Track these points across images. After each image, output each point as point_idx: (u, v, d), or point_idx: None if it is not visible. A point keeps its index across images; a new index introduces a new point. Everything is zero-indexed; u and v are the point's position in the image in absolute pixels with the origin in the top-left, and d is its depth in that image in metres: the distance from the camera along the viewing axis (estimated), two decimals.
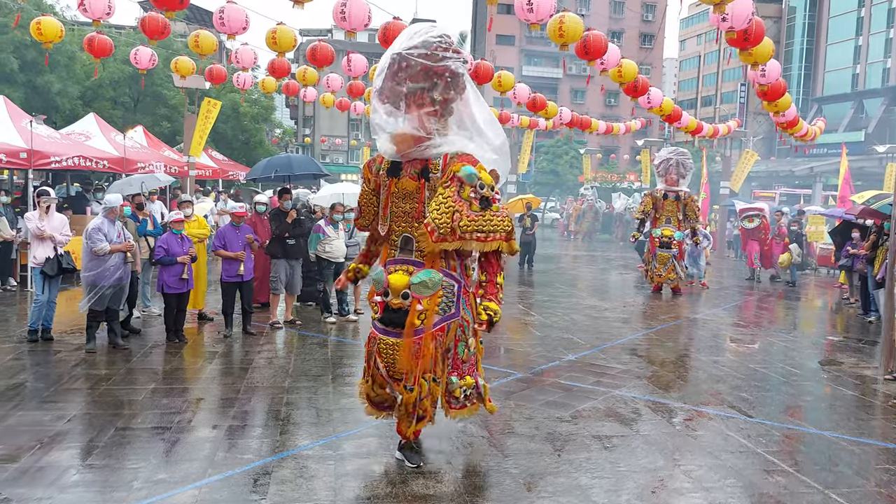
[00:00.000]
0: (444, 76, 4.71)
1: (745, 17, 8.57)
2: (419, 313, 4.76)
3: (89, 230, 8.37)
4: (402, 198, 4.93)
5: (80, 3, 9.68)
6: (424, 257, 4.86)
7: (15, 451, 5.27)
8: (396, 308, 4.82)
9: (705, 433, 6.21)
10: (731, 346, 10.13)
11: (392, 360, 4.88)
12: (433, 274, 4.77)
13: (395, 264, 4.95)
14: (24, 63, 20.58)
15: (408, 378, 4.84)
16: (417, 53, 4.65)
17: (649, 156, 34.39)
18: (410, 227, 4.91)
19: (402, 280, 4.79)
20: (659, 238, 14.87)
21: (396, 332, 4.84)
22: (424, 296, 4.75)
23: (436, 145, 4.76)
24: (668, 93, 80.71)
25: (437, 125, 4.80)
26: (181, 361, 8.27)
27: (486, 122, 5.02)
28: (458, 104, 4.87)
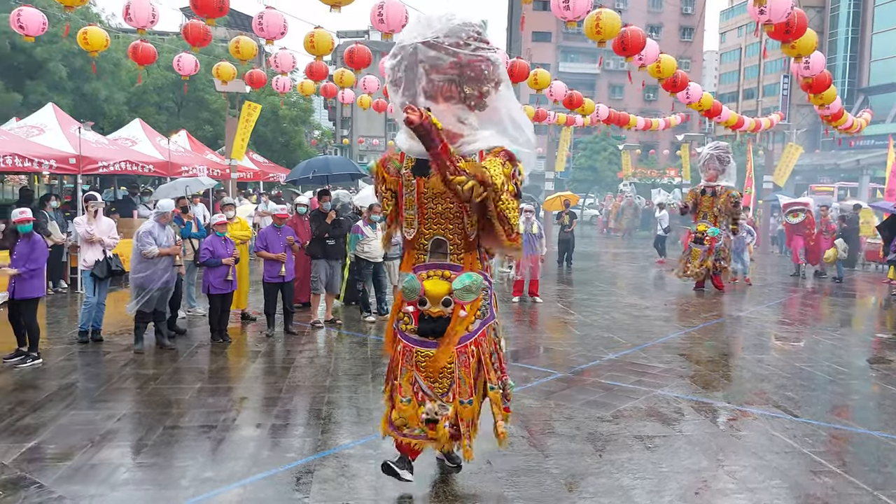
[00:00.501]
0: (479, 68, 4.34)
1: (784, 10, 8.41)
2: (461, 320, 4.49)
3: (140, 233, 8.58)
4: (433, 198, 4.50)
5: (125, 11, 9.93)
6: (462, 260, 4.56)
7: (68, 449, 5.44)
8: (437, 317, 4.50)
9: (750, 433, 6.12)
10: (776, 344, 9.96)
11: (435, 373, 4.55)
12: (475, 277, 4.52)
13: (426, 269, 4.60)
14: (73, 71, 21.14)
15: (462, 391, 4.51)
16: (449, 43, 4.27)
17: (689, 151, 33.94)
18: (444, 230, 4.54)
19: (441, 287, 4.49)
20: (694, 233, 14.79)
21: (438, 342, 4.53)
22: (468, 301, 4.49)
23: (470, 141, 4.42)
24: (709, 86, 79.52)
25: (470, 119, 4.45)
26: (225, 361, 8.44)
27: (518, 116, 4.66)
28: (493, 98, 4.49)
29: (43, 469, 5.04)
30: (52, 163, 12.81)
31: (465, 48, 4.28)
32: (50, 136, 13.93)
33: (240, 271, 10.05)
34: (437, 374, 4.53)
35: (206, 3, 9.08)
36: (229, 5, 9.33)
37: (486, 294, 4.65)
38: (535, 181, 47.96)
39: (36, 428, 5.87)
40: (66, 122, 14.76)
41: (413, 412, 4.58)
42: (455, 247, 4.56)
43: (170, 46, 25.92)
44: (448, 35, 4.26)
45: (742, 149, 32.11)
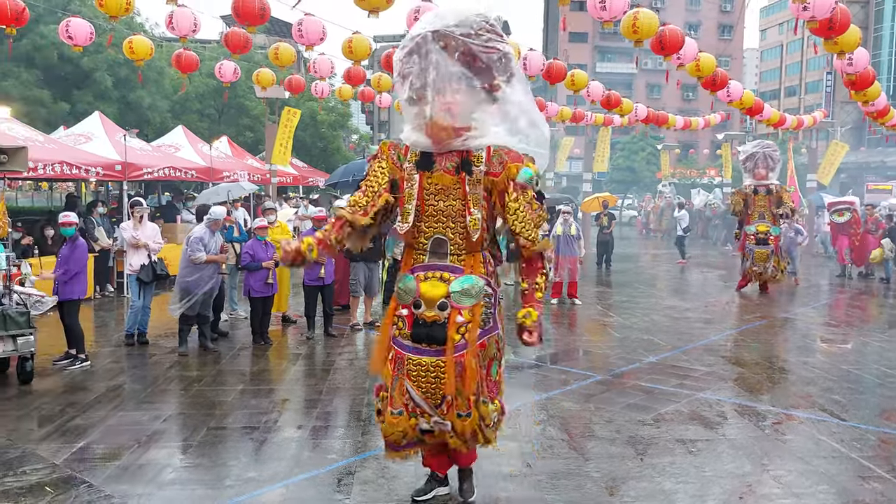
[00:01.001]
0: (493, 60, 4.13)
1: (827, 6, 8.24)
2: (459, 326, 4.17)
3: (191, 239, 8.76)
4: (436, 194, 4.27)
5: (168, 20, 10.15)
6: (463, 262, 4.28)
7: (116, 449, 5.58)
8: (431, 321, 4.20)
9: (795, 437, 6.01)
10: (822, 347, 9.75)
11: (430, 384, 4.21)
12: (476, 280, 4.24)
13: (424, 270, 4.31)
14: (118, 80, 21.66)
15: (460, 403, 4.18)
16: (460, 33, 4.05)
17: (730, 150, 33.40)
18: (445, 228, 4.27)
19: (439, 289, 4.21)
20: (755, 235, 14.29)
21: (433, 349, 4.20)
22: (466, 306, 4.19)
23: (477, 136, 4.21)
24: (750, 84, 78.12)
25: (479, 113, 4.22)
26: (267, 363, 8.56)
27: (532, 113, 4.43)
28: (505, 92, 4.26)
29: (92, 468, 5.18)
30: (99, 170, 13.15)
31: (476, 38, 4.07)
32: (97, 143, 14.30)
33: (280, 275, 10.18)
34: (430, 385, 4.21)
35: (247, 11, 9.23)
36: (270, 12, 9.47)
37: (489, 302, 4.33)
38: (574, 182, 47.70)
39: (85, 428, 6.03)
40: (112, 130, 15.14)
41: (406, 425, 4.28)
42: (456, 247, 4.28)
43: (211, 54, 26.41)
44: (459, 25, 4.06)
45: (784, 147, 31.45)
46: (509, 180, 4.20)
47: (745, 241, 14.53)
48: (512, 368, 8.20)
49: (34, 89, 19.55)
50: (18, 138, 11.36)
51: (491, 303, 4.34)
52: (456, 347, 4.15)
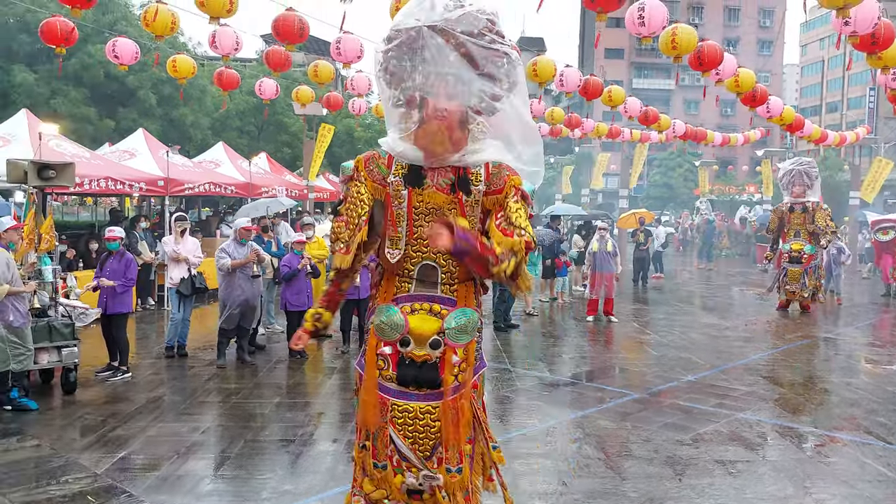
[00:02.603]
0: (495, 64, 3.55)
1: (870, 20, 8.11)
2: (454, 367, 3.64)
3: (217, 251, 8.96)
4: (427, 214, 3.64)
5: (211, 39, 10.39)
6: (456, 292, 3.70)
7: (156, 460, 5.66)
8: (421, 361, 3.64)
9: (839, 460, 5.86)
10: (867, 368, 9.51)
11: (418, 433, 3.65)
12: (471, 314, 3.69)
13: (411, 302, 3.71)
14: (161, 98, 22.19)
15: (450, 456, 3.63)
16: (461, 30, 3.46)
17: (770, 166, 32.91)
18: (435, 254, 3.63)
19: (430, 324, 3.63)
20: (788, 253, 14.13)
21: (423, 393, 3.65)
22: (462, 344, 3.65)
23: (476, 151, 3.64)
24: (790, 100, 77.04)
25: (475, 125, 3.65)
26: (303, 376, 8.64)
27: (530, 127, 3.94)
28: (506, 102, 3.68)
29: (133, 478, 5.26)
30: (142, 185, 13.45)
31: (479, 39, 3.48)
32: (140, 159, 14.64)
33: (316, 289, 10.27)
34: (419, 435, 3.66)
35: (287, 30, 9.41)
36: (309, 31, 9.64)
37: (480, 336, 3.84)
38: (609, 198, 47.37)
39: (126, 439, 6.14)
40: (155, 146, 15.50)
41: (391, 482, 3.72)
42: (448, 276, 3.68)
43: (251, 72, 26.92)
44: (459, 21, 3.46)
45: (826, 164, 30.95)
46: (511, 187, 3.65)
47: (780, 260, 14.35)
48: (547, 386, 8.16)
49: (81, 107, 20.10)
50: (66, 154, 11.70)
51: (480, 336, 3.85)
52: (453, 390, 3.64)
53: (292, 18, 9.49)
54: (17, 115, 13.31)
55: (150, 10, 9.18)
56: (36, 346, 7.18)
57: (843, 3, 7.29)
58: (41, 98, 19.28)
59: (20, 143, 11.75)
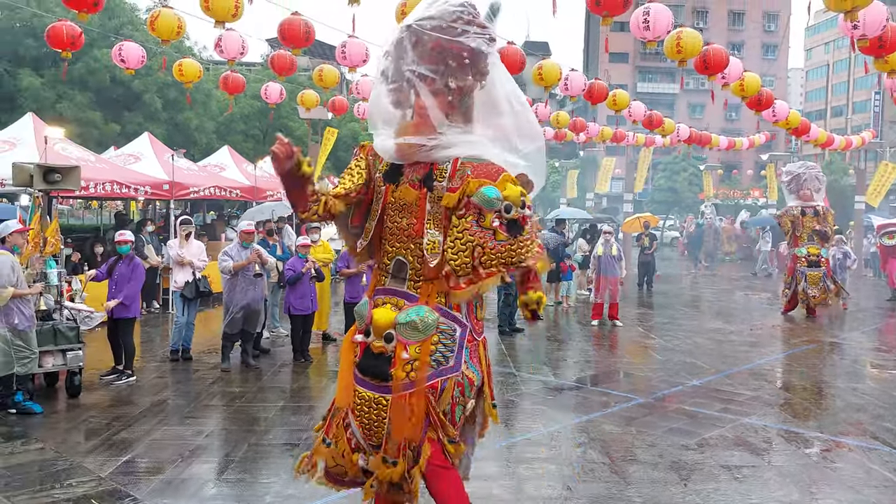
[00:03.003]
0: (460, 56, 3.62)
1: (879, 23, 8.08)
2: (405, 363, 3.64)
3: (219, 255, 8.98)
4: (399, 210, 3.77)
5: (216, 43, 10.41)
6: (419, 289, 3.75)
7: (160, 463, 5.66)
8: (378, 352, 3.72)
9: (845, 465, 5.83)
10: (873, 373, 9.47)
11: (371, 421, 3.72)
12: (426, 313, 3.67)
13: (383, 295, 3.84)
14: (167, 102, 22.25)
15: (389, 448, 3.66)
16: (430, 26, 3.58)
17: (776, 170, 32.85)
18: (405, 250, 3.75)
19: (388, 317, 3.71)
20: (806, 257, 14.03)
21: (376, 384, 3.71)
22: (412, 341, 3.65)
23: (444, 146, 3.66)
24: (795, 104, 76.91)
25: (449, 120, 3.70)
26: (307, 380, 8.63)
27: (516, 120, 3.87)
28: (479, 94, 3.77)
29: (137, 482, 5.26)
30: (148, 189, 13.48)
31: (447, 32, 3.58)
32: (146, 163, 14.69)
33: (321, 293, 10.28)
34: (371, 423, 3.72)
35: (292, 34, 9.43)
36: (314, 35, 9.65)
37: (449, 338, 3.71)
38: (614, 202, 47.35)
39: (130, 442, 6.14)
40: (160, 150, 15.54)
41: (348, 460, 3.81)
42: (414, 272, 3.75)
43: (256, 76, 26.97)
44: (433, 17, 3.60)
45: (832, 167, 30.87)
46: (463, 196, 3.58)
47: (794, 264, 14.23)
48: (552, 390, 8.14)
49: (87, 111, 20.17)
50: (72, 158, 11.74)
51: (452, 339, 3.72)
52: (402, 387, 3.63)
53: (298, 23, 9.51)
54: (23, 118, 13.38)
55: (156, 15, 9.21)
56: (41, 350, 7.20)
57: (850, 6, 7.26)
58: (47, 102, 19.35)
59: (26, 147, 11.80)
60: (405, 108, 3.73)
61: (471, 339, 3.82)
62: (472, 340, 3.84)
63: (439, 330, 3.69)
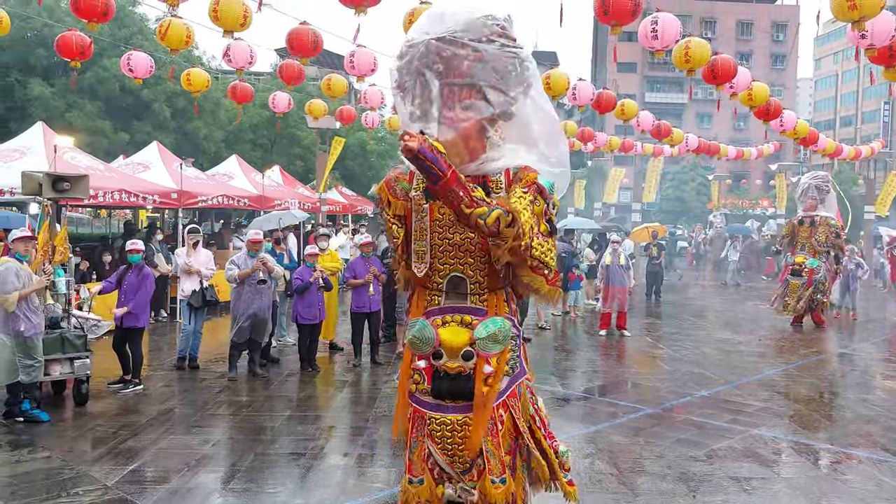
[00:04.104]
0: (506, 68, 3.57)
1: (887, 33, 8.07)
2: (486, 377, 3.59)
3: (227, 264, 8.99)
4: (450, 227, 3.65)
5: (224, 53, 10.47)
6: (486, 301, 3.71)
7: (166, 472, 5.65)
8: (455, 373, 3.63)
9: (855, 478, 5.78)
10: (883, 384, 9.39)
11: (457, 446, 3.62)
12: (502, 323, 3.66)
13: (441, 314, 3.73)
14: (176, 111, 22.35)
15: (493, 466, 3.59)
16: (469, 38, 3.51)
17: (785, 180, 32.80)
18: (462, 265, 3.67)
19: (461, 336, 3.63)
20: (791, 265, 14.22)
21: (459, 405, 3.63)
22: (494, 353, 3.62)
23: (494, 158, 3.62)
24: (803, 114, 76.81)
25: (493, 132, 3.65)
26: (314, 390, 8.62)
27: (552, 128, 3.88)
28: (522, 105, 3.70)
29: (142, 491, 5.25)
30: (156, 198, 13.53)
31: (488, 45, 3.54)
32: (154, 172, 14.74)
33: (328, 302, 10.27)
34: (457, 448, 3.63)
35: (301, 44, 9.47)
36: (322, 45, 9.70)
37: (515, 345, 3.78)
38: (622, 212, 47.30)
39: (137, 451, 6.13)
40: (169, 159, 15.60)
41: (431, 494, 3.71)
42: (477, 286, 3.70)
43: (264, 86, 27.09)
44: (466, 30, 3.52)
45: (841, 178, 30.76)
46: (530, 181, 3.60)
47: (785, 272, 14.42)
48: (559, 400, 8.10)
49: (96, 120, 20.28)
50: (81, 167, 11.79)
51: (517, 345, 3.81)
52: (488, 401, 3.60)
53: (306, 32, 9.56)
54: (32, 127, 13.44)
55: (165, 24, 9.27)
56: (48, 358, 7.21)
57: (859, 16, 7.25)
58: (57, 111, 19.46)
59: (35, 156, 11.86)
60: (429, 122, 3.57)
61: (521, 343, 3.88)
62: (522, 344, 3.89)
63: (511, 337, 3.73)
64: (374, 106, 14.95)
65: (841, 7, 7.39)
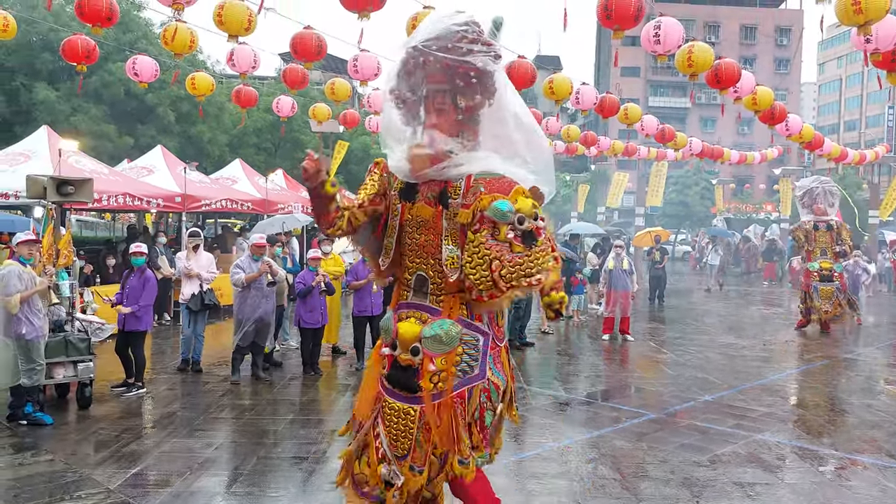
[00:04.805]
0: (468, 76, 3.69)
1: (892, 37, 8.05)
2: (432, 374, 3.75)
3: (231, 268, 8.98)
4: (417, 227, 3.87)
5: (228, 57, 10.49)
6: (441, 303, 3.85)
7: (169, 476, 5.66)
8: (405, 365, 3.82)
9: (860, 484, 5.75)
10: (888, 389, 9.35)
11: (399, 432, 3.81)
12: (449, 326, 3.78)
13: (407, 309, 3.94)
14: (180, 115, 22.40)
15: (416, 456, 3.75)
16: (437, 46, 3.65)
17: (790, 185, 32.76)
18: (425, 265, 3.87)
19: (413, 330, 3.82)
20: (818, 272, 13.94)
21: (405, 395, 3.82)
22: (438, 353, 3.75)
23: (457, 164, 3.73)
24: (808, 118, 76.76)
25: (460, 138, 3.78)
26: (317, 393, 8.62)
27: (525, 134, 3.92)
28: (487, 111, 3.82)
29: (145, 495, 5.25)
30: (160, 201, 13.56)
31: (453, 52, 3.65)
32: (158, 176, 14.78)
33: (331, 306, 10.28)
34: (398, 433, 3.81)
35: (304, 48, 9.49)
36: (326, 49, 9.71)
37: (473, 348, 3.82)
38: (626, 216, 47.24)
39: (140, 454, 6.14)
40: (173, 163, 15.64)
41: (368, 468, 3.88)
42: (436, 286, 3.85)
43: (268, 90, 27.13)
44: (438, 38, 3.67)
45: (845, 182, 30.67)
46: (476, 212, 3.64)
47: (808, 279, 14.13)
48: (562, 404, 8.09)
49: (101, 124, 20.33)
50: (85, 171, 11.83)
51: (476, 348, 3.83)
52: (431, 397, 3.74)
53: (310, 36, 9.57)
54: (37, 131, 13.49)
55: (170, 29, 9.30)
56: (52, 361, 7.22)
57: (864, 20, 7.24)
58: (62, 115, 19.52)
59: (40, 160, 11.90)
60: (415, 126, 3.81)
61: (493, 346, 3.92)
62: (495, 347, 3.94)
63: (463, 341, 3.80)
64: (378, 110, 14.95)
65: (846, 10, 7.37)
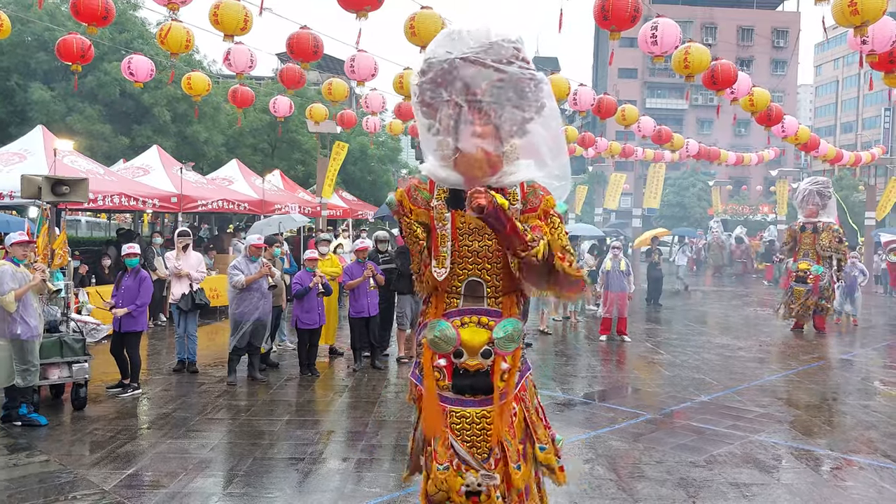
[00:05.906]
0: (524, 89, 3.84)
1: (888, 38, 8.07)
2: (503, 373, 3.90)
3: (229, 269, 8.95)
4: (470, 234, 3.95)
5: (225, 57, 10.47)
6: (501, 304, 4.00)
7: (164, 477, 5.63)
8: (474, 370, 3.91)
9: (856, 484, 5.75)
10: (884, 390, 9.36)
11: (476, 437, 3.89)
12: (516, 324, 3.95)
13: (460, 316, 4.00)
14: (176, 115, 22.35)
15: (512, 454, 3.88)
16: (491, 60, 3.78)
17: (787, 186, 32.82)
18: (480, 270, 3.97)
19: (480, 336, 3.91)
20: (795, 272, 14.18)
21: (477, 399, 3.92)
22: (509, 351, 3.91)
23: (511, 172, 3.91)
24: (804, 120, 76.86)
25: (508, 147, 3.90)
26: (313, 394, 8.59)
27: (558, 142, 4.14)
28: (535, 124, 3.96)
29: (140, 496, 5.23)
30: (156, 201, 13.53)
31: (508, 66, 3.78)
32: (154, 176, 14.76)
33: (328, 307, 10.25)
34: (476, 438, 3.89)
35: (301, 48, 9.48)
36: (323, 49, 9.70)
37: (524, 343, 4.11)
38: (623, 217, 47.27)
39: (135, 455, 6.12)
40: (168, 163, 15.61)
41: (453, 483, 3.88)
42: (493, 289, 3.99)
43: (265, 90, 27.09)
44: (488, 50, 3.78)
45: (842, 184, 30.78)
46: (549, 208, 3.96)
47: (788, 278, 14.41)
48: (559, 405, 8.08)
49: (97, 124, 20.28)
50: (81, 171, 11.81)
51: (525, 342, 4.11)
52: (501, 395, 3.89)
53: (307, 36, 9.56)
54: (33, 131, 13.46)
55: (165, 28, 9.28)
56: (47, 362, 7.20)
57: (860, 21, 7.25)
58: (57, 115, 19.47)
59: (35, 159, 11.87)
60: (452, 137, 3.83)
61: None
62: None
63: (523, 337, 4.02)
64: (375, 110, 14.96)
65: (843, 12, 7.40)
